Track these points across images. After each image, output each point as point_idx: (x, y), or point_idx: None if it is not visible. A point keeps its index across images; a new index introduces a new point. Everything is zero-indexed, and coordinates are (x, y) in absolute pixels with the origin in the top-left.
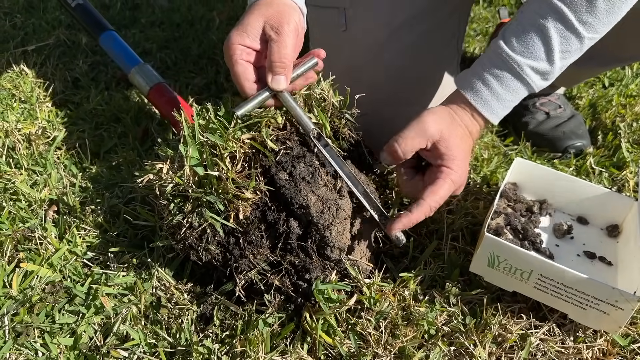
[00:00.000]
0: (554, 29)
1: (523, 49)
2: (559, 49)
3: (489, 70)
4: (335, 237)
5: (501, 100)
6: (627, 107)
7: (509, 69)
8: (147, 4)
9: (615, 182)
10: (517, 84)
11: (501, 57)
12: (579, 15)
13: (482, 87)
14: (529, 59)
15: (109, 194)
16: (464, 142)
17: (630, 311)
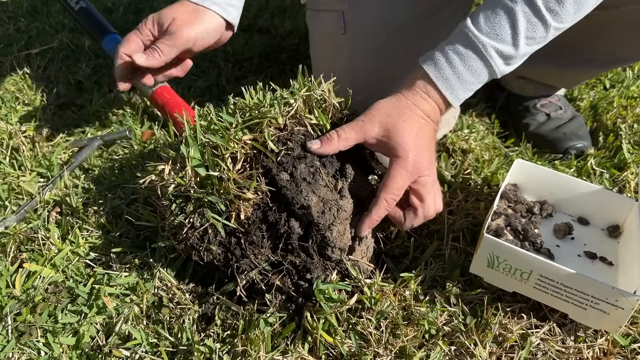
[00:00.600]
0: (522, 13)
1: (489, 30)
2: (524, 34)
3: (453, 48)
4: (336, 237)
5: (462, 81)
6: (628, 109)
7: (473, 49)
8: (149, 7)
9: (617, 183)
10: (479, 65)
11: (467, 37)
12: (548, 2)
13: (445, 64)
14: (495, 41)
15: (111, 195)
16: (414, 128)
17: (630, 310)
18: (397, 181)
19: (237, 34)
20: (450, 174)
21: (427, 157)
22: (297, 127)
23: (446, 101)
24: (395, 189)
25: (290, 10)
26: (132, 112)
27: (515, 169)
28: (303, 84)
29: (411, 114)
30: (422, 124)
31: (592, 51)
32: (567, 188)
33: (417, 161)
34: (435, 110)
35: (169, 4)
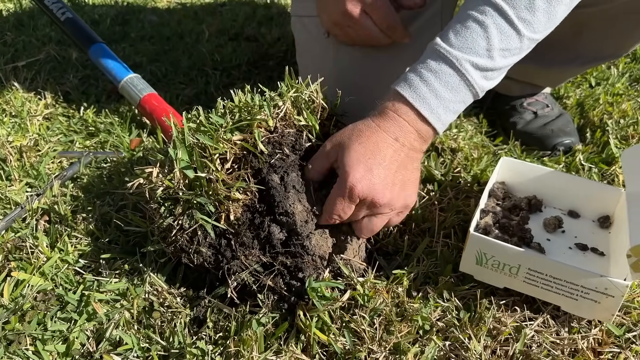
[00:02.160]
0: (494, 25)
1: (461, 43)
2: (499, 46)
3: (425, 65)
4: (315, 246)
5: (440, 98)
6: (614, 105)
7: (446, 63)
8: (136, 19)
9: (605, 177)
10: (456, 80)
11: (438, 53)
12: (518, 12)
13: (419, 83)
14: (469, 54)
15: (100, 202)
16: (368, 150)
17: (620, 298)
18: (335, 207)
19: (224, 43)
20: (440, 172)
21: (384, 185)
22: (288, 129)
23: (426, 122)
24: (334, 214)
25: (277, 19)
26: (121, 121)
27: (501, 167)
28: (290, 85)
29: (372, 136)
30: (385, 147)
31: (575, 49)
32: (555, 182)
33: (361, 188)
34: (409, 133)
35: (155, 16)
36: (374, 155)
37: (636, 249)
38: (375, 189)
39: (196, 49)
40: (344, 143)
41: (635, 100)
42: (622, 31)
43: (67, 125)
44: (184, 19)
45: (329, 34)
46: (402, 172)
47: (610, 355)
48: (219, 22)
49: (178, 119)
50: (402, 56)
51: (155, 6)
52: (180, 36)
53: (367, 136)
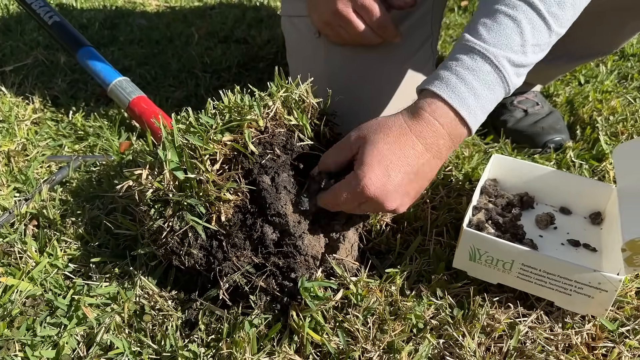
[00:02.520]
0: (526, 20)
1: (496, 40)
2: (531, 41)
3: (461, 63)
4: (308, 246)
5: (478, 98)
6: (603, 102)
7: (484, 59)
8: (125, 22)
9: (596, 173)
10: (494, 78)
11: (472, 49)
12: (549, 6)
13: (457, 81)
14: (505, 50)
15: (89, 205)
16: (389, 148)
17: (614, 292)
18: (340, 198)
19: (214, 45)
20: None
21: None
22: (278, 129)
23: (463, 123)
24: (336, 204)
25: (267, 21)
26: (110, 124)
27: (493, 164)
28: (280, 85)
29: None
30: (410, 153)
31: (564, 46)
32: (546, 179)
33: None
34: (441, 138)
35: (143, 19)
36: (397, 159)
37: (630, 244)
38: (386, 195)
39: (185, 52)
40: (369, 138)
41: (624, 97)
42: (610, 28)
43: (56, 129)
44: (173, 22)
45: (319, 34)
46: (418, 182)
47: (604, 350)
48: (209, 25)
49: (168, 121)
50: (393, 56)
51: (144, 10)
52: (170, 39)
53: (395, 136)
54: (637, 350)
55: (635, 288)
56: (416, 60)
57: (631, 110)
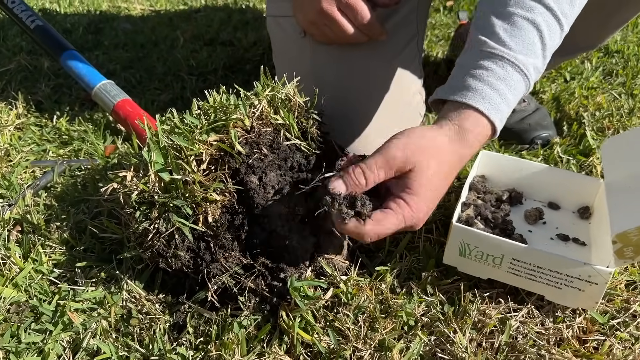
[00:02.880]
0: (545, 24)
1: (521, 47)
2: (549, 44)
3: (492, 73)
4: (297, 246)
5: (510, 107)
6: (589, 98)
7: (515, 69)
8: (110, 27)
9: (583, 168)
10: (522, 86)
11: (501, 58)
12: (562, 6)
13: (492, 94)
14: (532, 57)
15: (74, 210)
16: (441, 180)
17: (604, 285)
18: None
19: (200, 48)
20: None
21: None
22: (265, 128)
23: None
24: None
25: (253, 23)
26: (95, 128)
27: (481, 161)
28: (266, 84)
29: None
30: (451, 173)
31: None
32: (535, 175)
33: (419, 216)
34: (475, 148)
35: (128, 23)
36: (441, 187)
37: (621, 236)
38: (424, 220)
39: (171, 55)
40: (422, 165)
41: (610, 93)
42: (596, 22)
43: (40, 134)
44: (158, 25)
45: (305, 34)
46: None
47: (595, 343)
48: (194, 28)
49: (152, 123)
50: (379, 54)
51: (128, 14)
52: (155, 43)
53: (446, 163)
54: (627, 342)
55: (625, 281)
56: (402, 59)
57: (617, 106)
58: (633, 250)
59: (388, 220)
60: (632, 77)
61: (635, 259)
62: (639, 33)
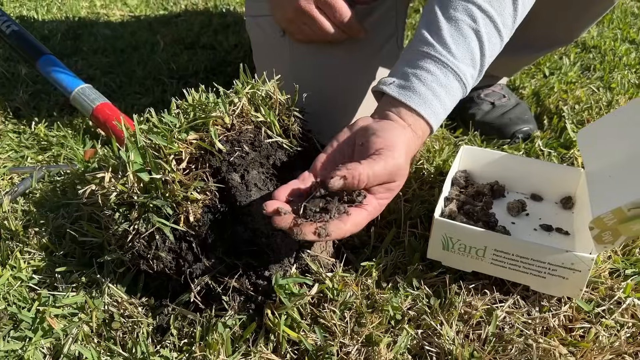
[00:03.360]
0: (486, 35)
1: (463, 55)
2: (488, 55)
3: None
4: (281, 243)
5: (446, 111)
6: (568, 92)
7: (456, 78)
8: (88, 32)
9: (564, 160)
10: (460, 93)
11: (446, 65)
12: (504, 19)
13: (433, 100)
14: (471, 67)
15: (54, 215)
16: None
17: (587, 272)
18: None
19: (180, 52)
20: None
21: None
22: (246, 126)
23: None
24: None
25: (234, 27)
26: (74, 133)
27: (462, 155)
28: (246, 82)
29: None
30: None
31: (527, 37)
32: (516, 167)
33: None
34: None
35: (107, 29)
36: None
37: (597, 221)
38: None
39: (151, 59)
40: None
41: (588, 87)
42: (571, 15)
43: (18, 141)
44: (138, 30)
45: (284, 33)
46: None
47: (581, 331)
48: (174, 32)
49: (130, 124)
50: (359, 52)
51: (107, 20)
52: (135, 47)
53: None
54: (613, 329)
55: (608, 269)
56: (382, 57)
57: (595, 99)
58: (612, 235)
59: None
60: (609, 71)
61: (615, 243)
62: (614, 29)
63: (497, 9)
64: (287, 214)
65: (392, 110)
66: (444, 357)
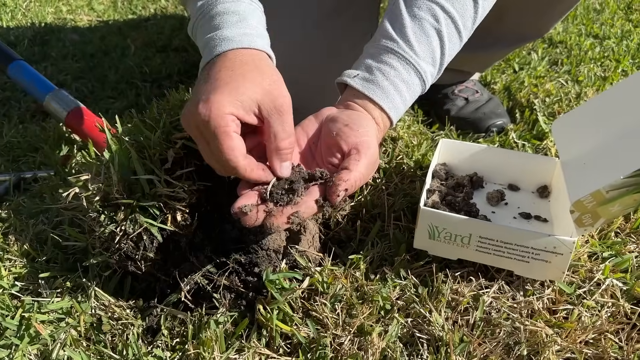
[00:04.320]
0: (447, 35)
1: (425, 54)
2: (448, 54)
3: (399, 74)
4: (269, 240)
5: (406, 106)
6: (538, 86)
7: (417, 75)
8: (56, 38)
9: (538, 151)
10: (419, 89)
11: (408, 62)
12: (465, 21)
13: (395, 95)
14: (432, 65)
15: (34, 221)
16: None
17: (569, 255)
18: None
19: (152, 55)
20: (384, 161)
21: None
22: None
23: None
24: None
25: None
26: (48, 139)
27: (441, 149)
28: None
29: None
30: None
31: (497, 33)
32: (493, 159)
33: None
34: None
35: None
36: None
37: (577, 204)
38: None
39: (123, 63)
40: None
41: (557, 80)
42: (540, 11)
43: None
44: (107, 35)
45: None
46: None
47: (564, 313)
48: (145, 36)
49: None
50: (336, 50)
51: (75, 25)
52: (105, 52)
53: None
54: (594, 309)
55: (587, 252)
56: (357, 54)
57: (564, 92)
58: (591, 217)
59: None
60: (576, 65)
61: (594, 225)
62: (578, 24)
63: (459, 11)
64: (252, 210)
65: (356, 102)
66: (435, 343)
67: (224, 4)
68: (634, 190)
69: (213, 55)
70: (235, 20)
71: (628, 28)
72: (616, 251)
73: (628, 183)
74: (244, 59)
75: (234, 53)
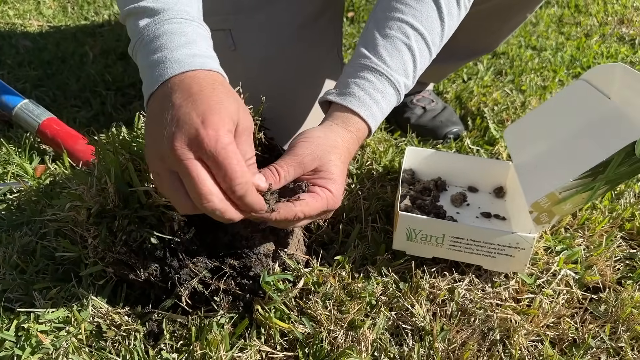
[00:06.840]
0: (418, 50)
1: (397, 67)
2: (419, 67)
3: (373, 85)
4: (259, 245)
5: (383, 114)
6: (486, 95)
7: (391, 85)
8: (8, 44)
9: (491, 155)
10: (395, 99)
11: (382, 74)
12: (433, 37)
13: (371, 103)
14: (404, 77)
15: (18, 232)
16: (345, 170)
17: (530, 249)
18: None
19: (113, 62)
20: (354, 166)
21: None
22: None
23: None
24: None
25: None
26: (18, 150)
27: (408, 156)
28: None
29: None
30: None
31: (451, 48)
32: (454, 164)
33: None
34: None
35: (27, 40)
36: (346, 170)
37: (535, 205)
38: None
39: (83, 71)
40: (329, 158)
41: (502, 89)
42: (490, 30)
43: None
44: (62, 41)
45: (235, 47)
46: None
47: (528, 301)
48: (102, 43)
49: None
50: (305, 63)
51: (25, 31)
52: (62, 59)
53: (347, 156)
54: (552, 297)
55: (542, 247)
56: (326, 67)
57: (510, 100)
58: (547, 215)
59: (315, 201)
60: (519, 75)
61: (550, 222)
62: (518, 36)
63: (427, 28)
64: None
65: (335, 115)
66: (418, 332)
67: (170, 24)
68: (582, 190)
69: (164, 79)
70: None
71: (561, 40)
72: (567, 245)
73: (577, 184)
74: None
75: (191, 75)
